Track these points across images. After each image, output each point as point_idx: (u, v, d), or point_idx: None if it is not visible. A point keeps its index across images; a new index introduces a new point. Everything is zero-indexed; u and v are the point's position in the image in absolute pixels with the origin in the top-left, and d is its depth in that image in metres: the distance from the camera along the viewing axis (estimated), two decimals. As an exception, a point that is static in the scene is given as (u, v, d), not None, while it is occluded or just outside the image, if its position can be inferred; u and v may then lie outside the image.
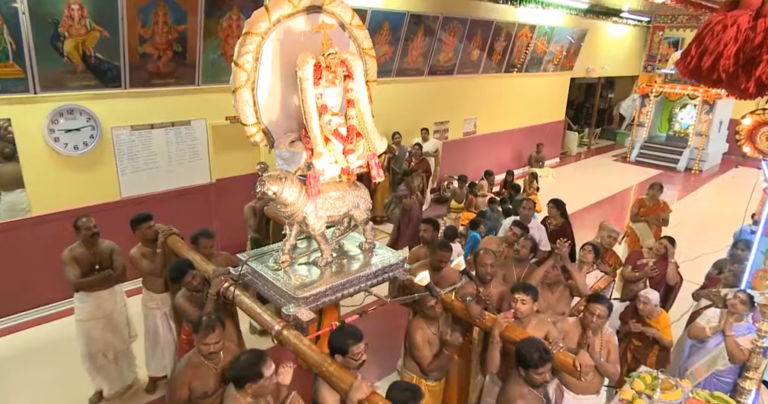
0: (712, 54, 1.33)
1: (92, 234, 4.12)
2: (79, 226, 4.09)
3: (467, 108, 10.69)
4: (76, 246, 4.12)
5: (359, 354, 2.59)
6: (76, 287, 4.13)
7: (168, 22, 5.65)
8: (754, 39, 1.24)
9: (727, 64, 1.33)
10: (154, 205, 6.06)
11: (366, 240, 3.47)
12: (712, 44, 1.31)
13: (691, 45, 1.41)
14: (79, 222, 4.10)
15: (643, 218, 6.48)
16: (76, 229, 4.11)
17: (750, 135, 3.55)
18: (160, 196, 6.34)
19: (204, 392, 2.86)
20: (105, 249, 4.25)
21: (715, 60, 1.33)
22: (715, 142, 13.72)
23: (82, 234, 4.09)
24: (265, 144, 3.14)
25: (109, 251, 4.27)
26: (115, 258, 4.29)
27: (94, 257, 4.19)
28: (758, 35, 1.23)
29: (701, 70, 1.35)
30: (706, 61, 1.34)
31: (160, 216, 4.59)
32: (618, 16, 13.20)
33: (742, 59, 1.29)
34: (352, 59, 3.09)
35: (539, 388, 2.70)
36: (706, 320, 3.96)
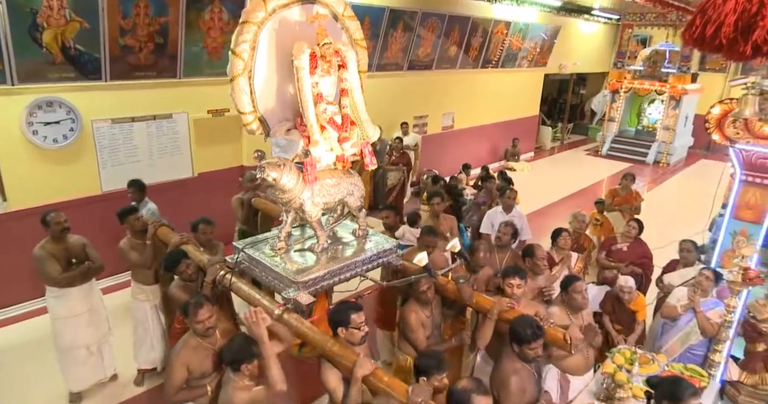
0: (715, 23, 1.52)
1: (62, 229, 3.95)
2: (48, 221, 3.91)
3: (445, 102, 10.85)
4: (47, 243, 3.96)
5: (361, 323, 2.67)
6: (59, 283, 3.99)
7: (149, 14, 5.60)
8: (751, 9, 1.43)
9: (728, 31, 1.53)
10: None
11: (359, 226, 3.55)
12: (714, 15, 1.51)
13: (695, 17, 1.60)
14: (47, 217, 3.93)
15: (616, 207, 6.75)
16: (45, 224, 3.93)
17: (719, 123, 3.77)
18: (143, 190, 6.27)
19: (202, 373, 2.91)
20: (77, 244, 4.13)
21: (717, 28, 1.53)
22: (681, 135, 14.25)
23: (52, 230, 3.92)
24: (261, 132, 3.18)
25: (81, 245, 4.16)
26: (89, 251, 4.19)
27: (68, 252, 4.07)
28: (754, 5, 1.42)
29: (705, 37, 1.54)
30: (709, 29, 1.54)
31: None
32: (589, 13, 13.57)
33: (741, 26, 1.48)
34: (345, 49, 3.17)
35: (531, 363, 2.85)
36: (675, 299, 4.18)
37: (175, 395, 2.89)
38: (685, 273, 4.37)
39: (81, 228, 4.38)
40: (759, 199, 3.78)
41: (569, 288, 3.49)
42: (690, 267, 4.33)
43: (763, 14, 1.48)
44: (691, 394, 2.45)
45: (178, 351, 2.90)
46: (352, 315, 2.70)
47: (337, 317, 2.75)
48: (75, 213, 4.15)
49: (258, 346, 2.57)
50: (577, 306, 3.46)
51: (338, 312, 2.76)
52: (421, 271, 3.23)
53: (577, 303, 3.45)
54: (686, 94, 13.41)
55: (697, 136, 15.20)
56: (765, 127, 3.67)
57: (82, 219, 4.18)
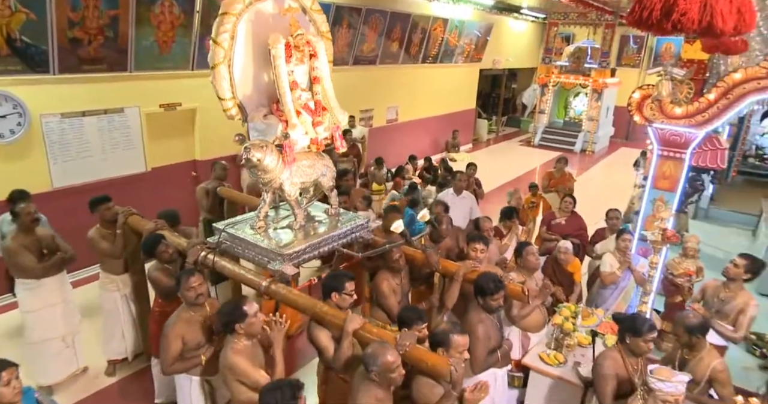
0: (647, 9, 2.02)
1: (32, 220, 3.98)
2: (18, 212, 3.95)
3: (389, 96, 11.24)
4: (17, 235, 3.98)
5: (352, 291, 2.97)
6: (35, 274, 4.00)
7: (99, 7, 5.55)
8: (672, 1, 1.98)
9: (656, 14, 2.03)
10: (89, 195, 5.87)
11: (332, 205, 3.83)
12: (647, 3, 2.01)
13: (635, 5, 2.12)
14: (17, 208, 3.96)
15: (552, 189, 7.40)
16: (15, 215, 3.98)
17: (639, 106, 4.36)
18: (94, 186, 6.17)
19: (197, 343, 3.10)
20: (46, 235, 4.17)
21: (649, 12, 2.03)
22: (603, 126, 15.48)
23: (22, 221, 3.94)
24: (240, 117, 3.39)
25: (50, 236, 4.19)
26: (59, 242, 4.22)
27: (39, 243, 4.09)
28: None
29: (641, 19, 2.05)
30: (644, 13, 2.04)
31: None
32: (518, 12, 14.42)
33: (663, 11, 2.01)
34: (316, 40, 3.44)
35: (494, 314, 3.26)
36: (608, 266, 4.76)
37: (171, 366, 3.06)
38: (611, 238, 4.98)
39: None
40: (673, 170, 4.41)
41: (523, 252, 3.95)
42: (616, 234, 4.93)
43: (677, 2, 2.01)
44: (649, 328, 2.95)
45: (173, 324, 3.07)
46: (346, 282, 3.00)
47: (332, 283, 3.04)
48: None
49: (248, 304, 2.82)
50: (531, 268, 3.93)
51: (334, 278, 3.05)
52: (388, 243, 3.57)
53: (530, 264, 3.92)
54: (607, 87, 14.59)
55: (617, 126, 16.57)
56: (676, 109, 4.29)
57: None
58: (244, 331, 2.79)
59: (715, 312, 3.79)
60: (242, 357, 2.74)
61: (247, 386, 2.79)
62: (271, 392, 2.23)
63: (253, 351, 2.83)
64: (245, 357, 2.75)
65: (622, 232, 4.66)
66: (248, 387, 2.79)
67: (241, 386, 2.80)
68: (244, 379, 2.75)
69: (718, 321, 3.77)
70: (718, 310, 3.80)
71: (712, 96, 4.12)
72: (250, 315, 2.77)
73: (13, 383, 2.41)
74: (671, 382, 2.46)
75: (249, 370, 2.73)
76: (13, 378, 2.41)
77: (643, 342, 2.93)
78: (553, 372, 3.66)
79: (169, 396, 4.08)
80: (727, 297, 3.81)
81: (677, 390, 2.46)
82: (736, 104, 4.04)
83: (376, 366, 2.42)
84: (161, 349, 3.07)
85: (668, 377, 2.49)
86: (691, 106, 4.22)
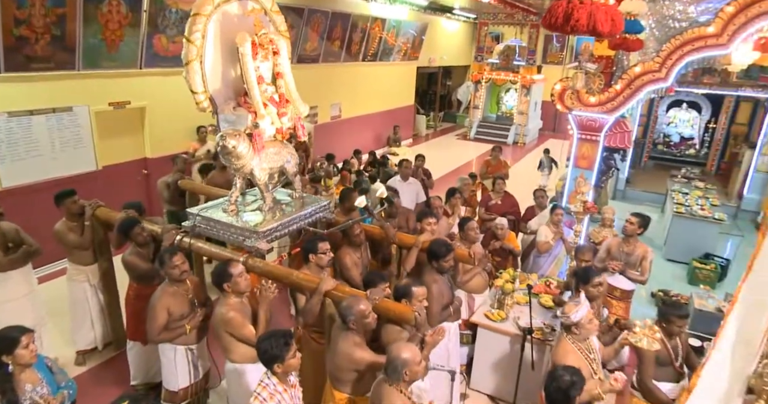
0: (554, 16, 2.63)
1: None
2: None
3: (332, 94, 11.62)
4: None
5: (327, 250, 3.38)
6: (1, 268, 4.10)
7: (45, 5, 5.59)
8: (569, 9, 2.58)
9: (560, 20, 2.64)
10: (39, 194, 5.96)
11: (296, 190, 4.20)
12: (554, 11, 2.62)
13: (547, 13, 2.74)
14: None
15: (490, 175, 8.07)
16: None
17: (560, 96, 5.03)
18: (45, 185, 6.18)
19: (181, 314, 3.40)
20: (10, 229, 4.25)
21: (556, 18, 2.63)
22: (533, 119, 16.59)
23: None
24: (211, 109, 3.69)
25: (14, 230, 4.28)
26: (23, 236, 4.32)
27: (4, 237, 4.20)
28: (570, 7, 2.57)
29: (550, 24, 2.66)
30: (552, 19, 2.65)
31: (45, 206, 4.63)
32: (451, 12, 15.21)
33: (565, 17, 2.63)
34: (277, 39, 3.80)
35: (445, 274, 3.77)
36: (543, 236, 5.43)
37: (158, 335, 3.34)
38: (543, 214, 5.66)
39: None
40: (590, 151, 5.12)
41: (465, 227, 4.49)
42: (546, 209, 5.60)
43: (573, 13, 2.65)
44: (594, 275, 3.71)
45: (159, 297, 3.35)
46: (319, 243, 3.42)
47: (308, 246, 3.46)
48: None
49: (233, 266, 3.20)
50: (472, 240, 4.47)
51: (309, 242, 3.46)
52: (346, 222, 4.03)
53: (471, 237, 4.46)
54: (534, 83, 15.67)
55: (545, 119, 17.78)
56: (591, 98, 4.99)
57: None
58: (231, 289, 3.13)
59: (624, 264, 4.52)
60: (233, 312, 3.09)
61: (237, 339, 3.14)
62: (267, 339, 2.60)
63: (241, 307, 3.18)
64: (236, 311, 3.10)
65: (555, 208, 5.33)
66: (238, 339, 3.14)
67: (232, 340, 3.14)
68: (234, 331, 3.09)
69: (629, 270, 4.51)
70: (626, 262, 4.53)
71: (618, 86, 4.85)
72: (235, 275, 3.13)
73: (31, 346, 2.65)
74: (577, 312, 3.07)
75: (239, 322, 3.08)
76: (30, 341, 2.65)
77: (592, 287, 3.64)
78: (498, 327, 4.23)
79: (144, 377, 4.30)
80: (629, 250, 4.58)
81: (584, 313, 3.07)
82: (638, 93, 4.78)
83: (352, 315, 2.85)
84: (148, 320, 3.33)
85: (572, 309, 3.09)
86: (603, 96, 4.93)
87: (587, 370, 3.05)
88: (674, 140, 12.35)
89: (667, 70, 4.60)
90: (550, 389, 2.60)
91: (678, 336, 3.46)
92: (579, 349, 3.11)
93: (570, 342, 3.13)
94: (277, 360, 2.58)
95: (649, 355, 3.35)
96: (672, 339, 3.43)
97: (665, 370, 3.45)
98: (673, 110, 12.11)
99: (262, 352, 2.60)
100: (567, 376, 2.58)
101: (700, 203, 7.67)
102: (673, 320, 3.37)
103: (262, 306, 3.18)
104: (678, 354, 3.47)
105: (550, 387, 2.60)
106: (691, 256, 6.85)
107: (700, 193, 8.35)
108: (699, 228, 7.15)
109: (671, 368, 3.45)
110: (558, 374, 2.62)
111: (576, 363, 2.99)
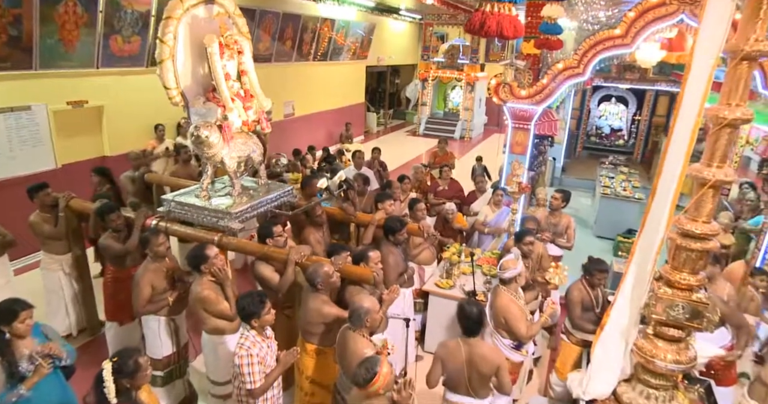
0: (475, 24, 3.24)
1: None
2: None
3: (285, 92, 11.96)
4: None
5: (281, 232, 3.83)
6: None
7: (2, 5, 5.71)
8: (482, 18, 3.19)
9: (476, 26, 3.24)
10: (0, 192, 6.06)
11: (261, 177, 4.62)
12: (473, 20, 3.23)
13: (468, 21, 3.34)
14: None
15: (437, 165, 8.69)
16: None
17: (495, 90, 5.66)
18: (3, 183, 6.28)
19: (163, 288, 3.76)
20: None
21: (475, 25, 3.24)
22: (478, 115, 17.47)
23: None
24: (183, 104, 4.06)
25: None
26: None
27: None
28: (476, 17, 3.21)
29: (470, 29, 3.27)
30: (472, 26, 3.25)
31: (4, 204, 4.86)
32: (397, 13, 15.81)
33: (479, 25, 3.25)
34: (241, 40, 4.20)
35: (399, 246, 4.30)
36: (482, 216, 6.06)
37: (144, 307, 3.69)
38: (483, 197, 6.30)
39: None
40: (523, 138, 5.79)
41: (414, 207, 5.03)
42: (486, 193, 6.24)
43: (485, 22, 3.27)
44: (527, 234, 4.38)
45: (143, 274, 3.70)
46: (273, 227, 3.84)
47: (263, 231, 3.87)
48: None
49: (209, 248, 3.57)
50: (420, 218, 5.02)
51: (263, 228, 3.87)
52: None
53: (419, 216, 5.00)
54: (478, 80, 16.53)
55: (489, 115, 18.72)
56: (522, 91, 5.65)
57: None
58: (207, 270, 3.52)
59: (552, 233, 5.21)
60: (207, 290, 3.47)
61: (212, 314, 3.53)
62: (243, 298, 3.04)
63: (214, 286, 3.55)
64: (210, 290, 3.48)
65: (496, 189, 5.97)
66: (213, 315, 3.53)
67: (208, 316, 3.53)
68: (209, 308, 3.48)
69: (558, 239, 5.23)
70: (554, 232, 5.23)
71: (545, 81, 5.53)
72: (211, 257, 3.51)
73: (27, 321, 2.96)
74: (515, 268, 3.69)
75: (213, 299, 3.46)
76: (28, 317, 2.96)
77: (524, 245, 4.35)
78: (447, 293, 4.80)
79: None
80: (556, 221, 5.33)
81: (520, 269, 3.71)
82: (561, 86, 5.48)
83: (319, 277, 3.32)
84: (134, 295, 3.67)
85: (510, 265, 3.72)
86: (532, 89, 5.59)
87: (523, 313, 3.69)
88: (605, 132, 13.46)
89: (584, 66, 5.31)
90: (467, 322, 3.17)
91: (599, 288, 4.14)
92: (513, 297, 3.73)
93: (506, 293, 3.75)
94: (254, 315, 3.02)
95: (575, 300, 4.03)
96: (594, 289, 4.10)
97: (588, 315, 4.12)
98: (603, 104, 13.21)
99: (241, 309, 3.04)
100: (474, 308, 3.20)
101: (623, 185, 8.59)
102: (594, 273, 4.04)
103: (226, 283, 3.57)
104: (599, 303, 4.15)
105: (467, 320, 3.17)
106: (617, 232, 7.71)
107: (624, 176, 9.31)
108: (623, 207, 8.04)
109: (593, 313, 4.12)
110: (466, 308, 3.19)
111: (515, 309, 3.65)
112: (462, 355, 3.15)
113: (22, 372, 2.87)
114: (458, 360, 3.16)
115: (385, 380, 2.46)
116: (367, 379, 2.44)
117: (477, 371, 3.15)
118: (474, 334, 3.19)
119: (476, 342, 3.19)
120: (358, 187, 5.24)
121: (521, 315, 3.73)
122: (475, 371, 3.16)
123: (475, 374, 3.17)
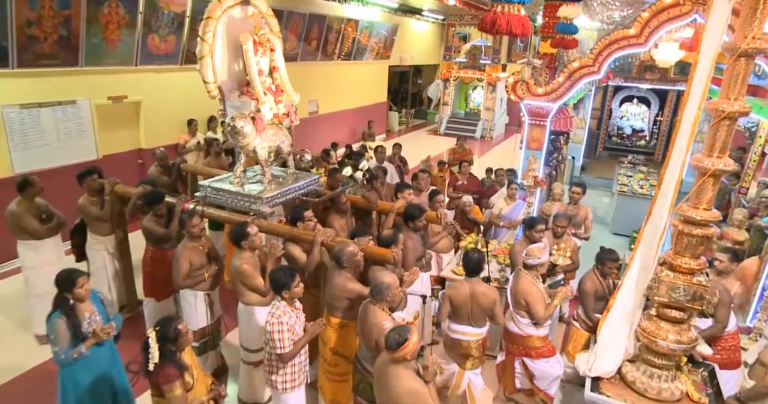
0: (487, 23, 3.50)
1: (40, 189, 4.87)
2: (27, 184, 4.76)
3: (309, 91, 12.33)
4: (21, 202, 4.73)
5: (311, 216, 4.13)
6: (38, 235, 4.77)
7: (53, 7, 6.17)
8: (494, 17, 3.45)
9: (488, 25, 3.51)
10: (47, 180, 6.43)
11: (289, 167, 4.95)
12: (485, 19, 3.49)
13: (483, 19, 3.59)
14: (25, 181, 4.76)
15: (456, 162, 8.93)
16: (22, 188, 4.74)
17: (513, 88, 5.89)
18: (52, 172, 6.74)
19: (200, 264, 4.10)
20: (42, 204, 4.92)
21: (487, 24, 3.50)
22: (499, 115, 17.62)
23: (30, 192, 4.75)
24: (219, 97, 4.40)
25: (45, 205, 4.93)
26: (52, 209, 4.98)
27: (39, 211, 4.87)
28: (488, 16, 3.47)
29: (484, 27, 3.53)
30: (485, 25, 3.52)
31: (52, 191, 5.29)
32: (420, 14, 16.09)
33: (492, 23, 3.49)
34: (273, 38, 4.53)
35: (418, 233, 4.58)
36: (498, 209, 6.29)
37: (183, 281, 4.03)
38: (502, 191, 6.53)
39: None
40: (539, 134, 6.00)
41: (434, 198, 5.29)
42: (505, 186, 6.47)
43: (496, 21, 3.52)
44: (538, 222, 4.65)
45: (181, 252, 4.04)
46: (304, 212, 4.15)
47: (295, 215, 4.18)
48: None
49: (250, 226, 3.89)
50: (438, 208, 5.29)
51: (295, 212, 4.18)
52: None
53: (437, 207, 5.27)
54: (499, 80, 16.67)
55: (511, 115, 18.84)
56: (538, 89, 5.87)
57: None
58: (247, 246, 3.85)
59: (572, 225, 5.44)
60: (246, 265, 3.80)
61: (249, 288, 3.86)
62: (277, 271, 3.35)
63: (253, 261, 3.88)
64: (248, 265, 3.82)
65: (511, 183, 6.20)
66: (250, 288, 3.86)
67: (245, 289, 3.86)
68: (246, 281, 3.81)
69: (577, 231, 5.46)
70: (573, 223, 5.44)
71: (560, 79, 5.73)
72: (251, 235, 3.85)
73: (85, 286, 3.33)
74: (542, 256, 3.94)
75: (251, 273, 3.79)
76: (85, 282, 3.33)
77: (536, 232, 4.57)
78: (462, 279, 5.04)
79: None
80: (574, 213, 5.53)
81: (546, 257, 3.97)
82: (577, 84, 5.68)
83: (344, 255, 3.62)
84: (174, 270, 4.02)
85: (536, 252, 3.95)
86: (548, 87, 5.81)
87: (542, 296, 3.99)
88: (627, 132, 13.48)
89: (599, 64, 5.51)
90: (469, 264, 3.83)
91: (611, 277, 4.34)
92: (534, 281, 4.00)
93: (528, 276, 4.00)
94: (285, 287, 3.33)
95: (589, 291, 4.23)
96: (606, 278, 4.30)
97: (601, 304, 4.32)
98: (625, 105, 13.24)
99: (273, 280, 3.35)
100: (475, 254, 3.87)
101: (641, 184, 8.70)
102: (605, 262, 4.24)
103: (270, 261, 3.90)
104: (611, 291, 4.34)
105: (468, 264, 3.84)
106: (632, 229, 7.83)
107: (643, 176, 9.40)
108: (639, 205, 8.14)
109: (605, 302, 4.32)
110: (469, 254, 3.87)
111: (536, 291, 3.98)
112: (466, 291, 3.86)
113: (84, 333, 3.25)
114: (463, 295, 3.86)
115: (414, 347, 2.71)
116: (399, 342, 2.68)
117: (477, 304, 3.85)
118: (475, 274, 3.89)
119: (477, 281, 3.90)
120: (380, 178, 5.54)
121: (541, 297, 3.98)
122: (476, 304, 3.85)
123: (475, 307, 3.85)
